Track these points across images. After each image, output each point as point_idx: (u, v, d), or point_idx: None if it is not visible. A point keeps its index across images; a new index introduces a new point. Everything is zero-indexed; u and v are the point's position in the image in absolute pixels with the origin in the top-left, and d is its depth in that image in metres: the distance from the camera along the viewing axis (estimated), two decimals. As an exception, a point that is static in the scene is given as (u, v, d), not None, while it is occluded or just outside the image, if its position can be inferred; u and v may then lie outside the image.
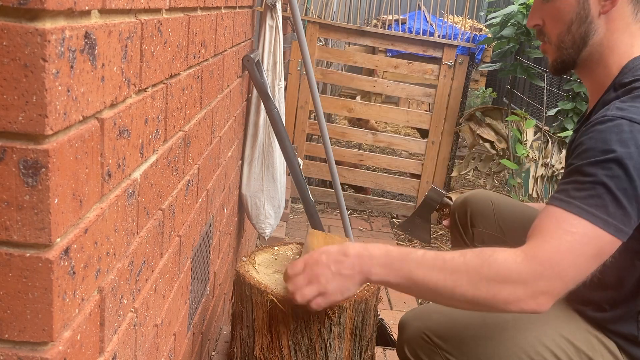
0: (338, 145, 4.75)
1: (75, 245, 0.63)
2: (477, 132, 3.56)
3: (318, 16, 3.80)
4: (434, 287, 1.04)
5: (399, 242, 3.42)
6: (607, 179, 1.00)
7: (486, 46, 5.73)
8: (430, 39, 3.59)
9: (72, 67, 0.58)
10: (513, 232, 1.53)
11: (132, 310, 0.88)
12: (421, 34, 4.00)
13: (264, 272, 1.42)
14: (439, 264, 1.04)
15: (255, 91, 2.02)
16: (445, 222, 1.77)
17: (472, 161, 3.70)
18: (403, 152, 4.98)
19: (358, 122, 4.48)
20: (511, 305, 1.02)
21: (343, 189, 3.31)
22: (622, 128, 1.01)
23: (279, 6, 2.03)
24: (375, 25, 5.52)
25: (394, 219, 3.81)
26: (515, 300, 1.01)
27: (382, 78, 5.17)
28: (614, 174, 0.99)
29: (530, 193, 3.31)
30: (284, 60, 2.25)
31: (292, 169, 2.05)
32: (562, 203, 1.03)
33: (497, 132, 3.55)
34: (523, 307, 1.02)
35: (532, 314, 1.20)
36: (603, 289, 1.17)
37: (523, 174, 3.41)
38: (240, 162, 2.08)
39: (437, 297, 1.07)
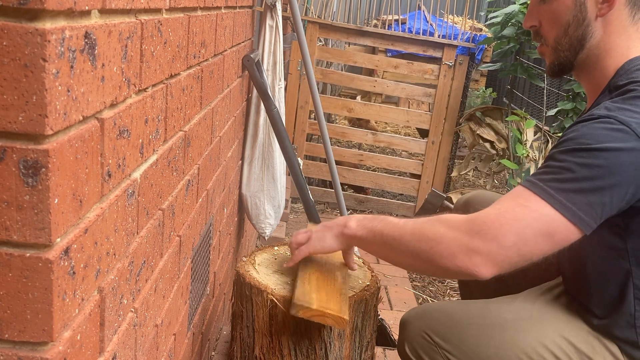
0: (338, 145, 4.75)
1: (75, 245, 0.63)
2: (477, 132, 3.56)
3: (318, 16, 3.80)
4: (387, 239, 1.14)
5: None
6: (575, 166, 1.00)
7: (486, 46, 5.73)
8: (430, 39, 3.59)
9: (72, 67, 0.58)
10: None
11: (132, 310, 0.88)
12: (421, 34, 4.00)
13: (264, 272, 1.42)
14: (395, 220, 1.16)
15: (255, 91, 2.02)
16: None
17: (472, 161, 3.70)
18: (403, 152, 4.98)
19: (358, 122, 4.48)
20: (446, 260, 1.04)
21: (343, 189, 3.31)
22: (604, 125, 1.01)
23: (279, 6, 2.03)
24: (375, 25, 5.52)
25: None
26: (449, 254, 1.04)
27: (382, 78, 5.17)
28: (584, 162, 0.99)
29: (530, 193, 3.31)
30: (284, 60, 2.25)
31: (292, 169, 2.05)
32: (527, 183, 1.05)
33: (497, 132, 3.55)
34: (458, 263, 1.03)
35: (530, 315, 1.20)
36: (590, 291, 1.17)
37: (523, 174, 3.41)
38: (240, 162, 2.08)
39: (388, 250, 1.16)
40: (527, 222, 1.01)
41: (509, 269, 1.03)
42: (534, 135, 3.44)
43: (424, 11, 5.87)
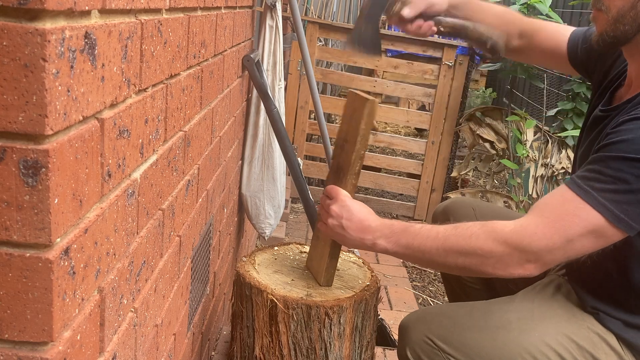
0: (338, 145, 4.74)
1: (75, 245, 0.63)
2: (477, 132, 3.56)
3: (318, 16, 3.80)
4: (427, 256, 1.15)
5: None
6: (631, 177, 0.99)
7: (486, 46, 5.72)
8: (430, 39, 3.59)
9: (72, 67, 0.58)
10: None
11: (132, 310, 0.88)
12: (421, 34, 3.99)
13: (264, 272, 1.42)
14: (427, 232, 1.16)
15: (255, 91, 2.02)
16: (393, 19, 1.38)
17: (472, 161, 3.70)
18: (403, 152, 4.98)
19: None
20: (499, 270, 1.10)
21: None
22: None
23: (279, 6, 2.03)
24: (375, 25, 5.50)
25: (393, 219, 3.81)
26: (502, 266, 1.09)
27: (382, 78, 5.16)
28: None
29: (530, 193, 3.31)
30: (284, 60, 2.25)
31: (292, 169, 2.05)
32: (578, 189, 1.04)
33: (497, 132, 3.55)
34: (511, 271, 1.09)
35: (531, 314, 1.21)
36: (616, 274, 1.16)
37: (523, 174, 3.41)
38: (240, 162, 2.08)
39: (427, 263, 1.23)
40: (577, 230, 1.03)
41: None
42: (534, 135, 3.44)
43: (424, 11, 5.86)
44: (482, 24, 1.37)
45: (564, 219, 1.04)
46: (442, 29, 1.40)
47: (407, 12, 1.34)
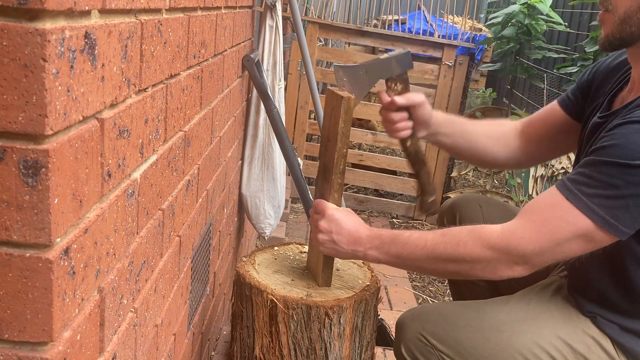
0: (338, 145, 4.74)
1: (75, 245, 0.63)
2: (477, 132, 3.55)
3: (318, 16, 3.80)
4: (417, 264, 1.19)
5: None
6: (621, 183, 0.98)
7: (486, 46, 5.73)
8: (430, 39, 3.60)
9: (72, 67, 0.58)
10: None
11: (132, 310, 0.88)
12: (421, 34, 4.00)
13: (264, 272, 1.42)
14: (415, 240, 1.17)
15: (255, 91, 2.02)
16: (386, 97, 1.43)
17: (472, 161, 3.70)
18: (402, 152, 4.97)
19: (358, 122, 4.48)
20: (488, 274, 1.11)
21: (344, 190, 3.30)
22: None
23: (279, 6, 2.03)
24: (375, 25, 5.52)
25: (393, 219, 3.82)
26: (491, 270, 1.11)
27: (382, 78, 5.15)
28: (632, 181, 0.98)
29: (530, 193, 3.32)
30: (284, 60, 2.25)
31: (292, 169, 2.05)
32: (568, 192, 1.04)
33: (497, 132, 3.54)
34: (500, 274, 1.11)
35: (525, 316, 1.22)
36: (618, 276, 1.15)
37: (523, 174, 3.41)
38: (240, 162, 2.08)
39: (417, 270, 1.26)
40: (566, 234, 1.03)
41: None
42: (534, 136, 3.43)
43: (424, 11, 5.87)
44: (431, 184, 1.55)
45: (552, 223, 1.04)
46: (408, 143, 1.50)
47: (400, 100, 1.42)
